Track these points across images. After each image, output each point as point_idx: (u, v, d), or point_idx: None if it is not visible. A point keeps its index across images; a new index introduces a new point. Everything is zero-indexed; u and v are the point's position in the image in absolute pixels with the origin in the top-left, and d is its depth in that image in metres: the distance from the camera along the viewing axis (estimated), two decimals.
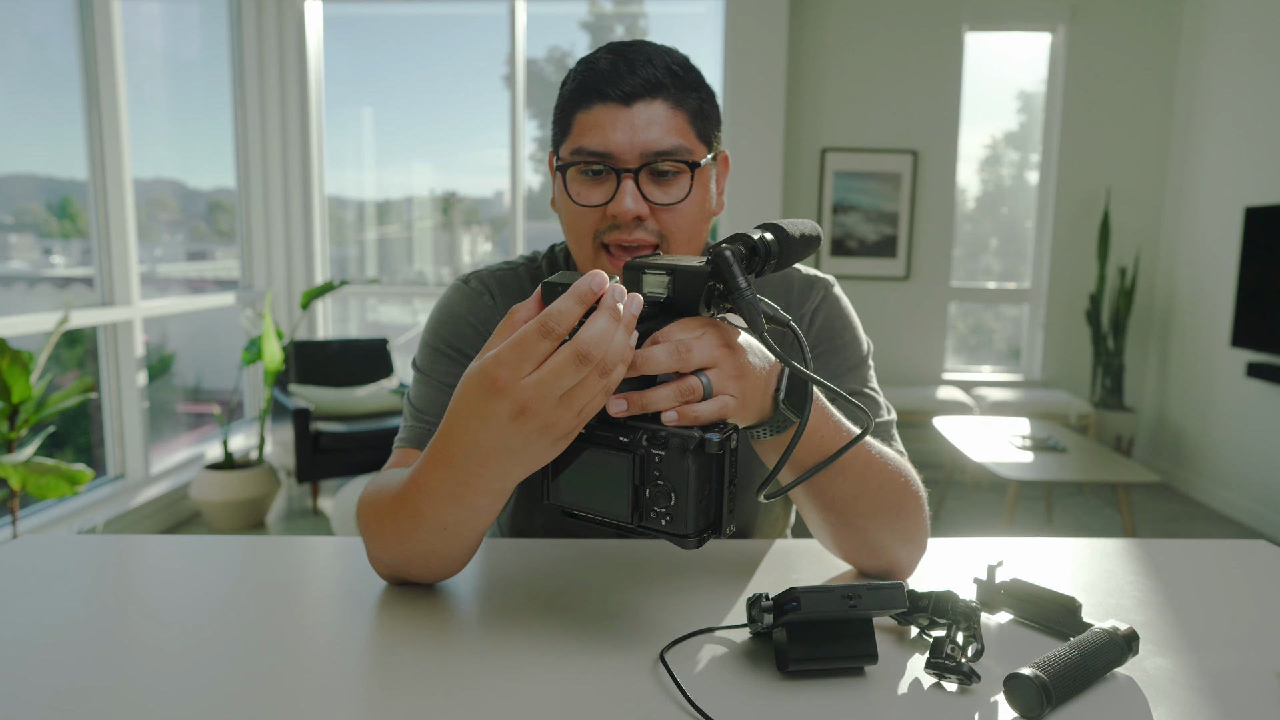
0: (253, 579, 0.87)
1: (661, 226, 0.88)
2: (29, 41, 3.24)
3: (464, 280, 1.02)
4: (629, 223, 0.86)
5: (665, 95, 0.86)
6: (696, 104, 0.89)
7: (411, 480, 0.71)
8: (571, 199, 0.88)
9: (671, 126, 0.86)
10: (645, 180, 0.87)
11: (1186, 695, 0.65)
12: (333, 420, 3.79)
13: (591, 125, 0.86)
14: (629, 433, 0.64)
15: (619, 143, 0.85)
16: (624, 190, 0.85)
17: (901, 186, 4.64)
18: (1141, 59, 4.55)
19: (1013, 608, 0.77)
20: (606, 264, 0.89)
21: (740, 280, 0.65)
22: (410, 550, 0.76)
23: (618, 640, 0.72)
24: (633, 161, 0.85)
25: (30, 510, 3.01)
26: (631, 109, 0.85)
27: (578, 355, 0.58)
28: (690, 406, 0.63)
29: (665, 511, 0.63)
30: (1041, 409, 4.23)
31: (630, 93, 0.85)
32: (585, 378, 0.59)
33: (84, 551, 0.93)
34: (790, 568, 0.90)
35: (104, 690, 0.64)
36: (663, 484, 0.63)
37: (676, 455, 0.62)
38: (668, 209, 0.87)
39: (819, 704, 0.63)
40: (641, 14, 4.91)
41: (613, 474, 0.64)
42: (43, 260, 3.47)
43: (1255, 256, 3.76)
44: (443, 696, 0.63)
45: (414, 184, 5.07)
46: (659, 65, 0.86)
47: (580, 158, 0.86)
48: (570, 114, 0.88)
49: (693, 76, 0.89)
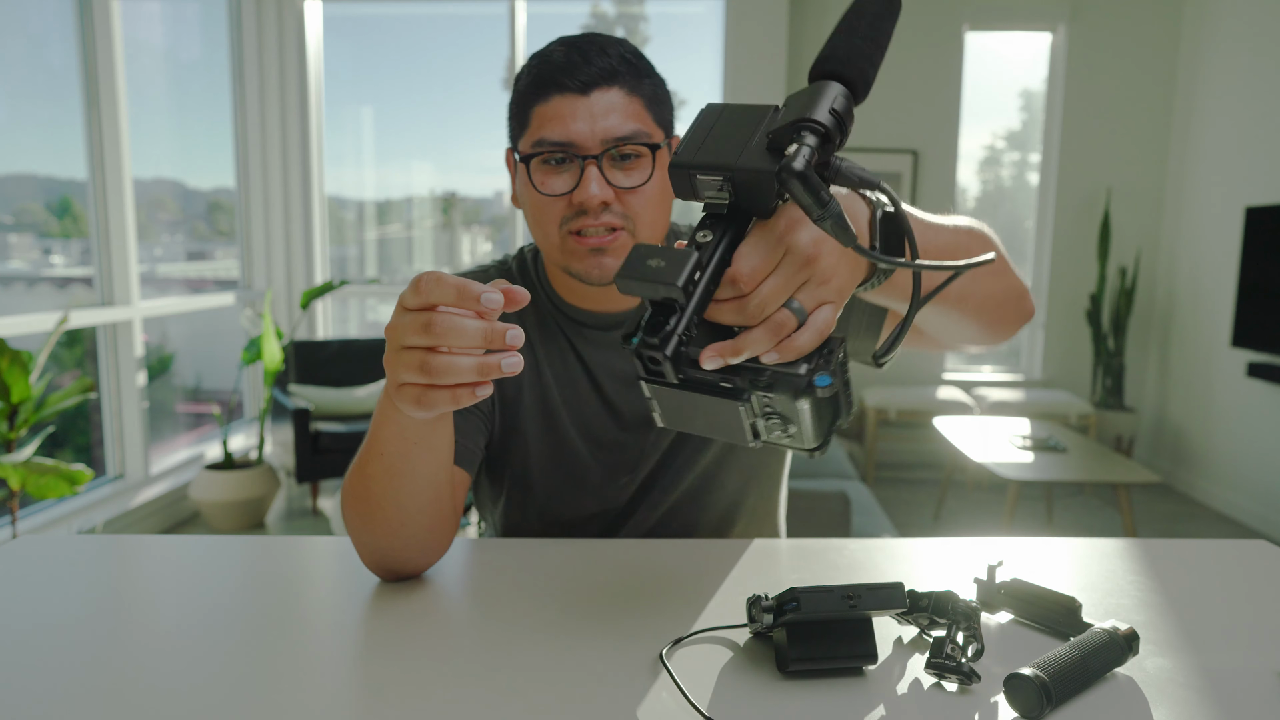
0: (252, 579, 0.87)
1: (627, 209, 0.89)
2: (29, 41, 3.24)
3: None
4: (595, 208, 0.87)
5: (621, 82, 0.88)
6: (651, 90, 0.91)
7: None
8: (537, 189, 0.89)
9: (629, 112, 0.88)
10: (608, 166, 0.88)
11: (1187, 695, 0.65)
12: (332, 420, 3.79)
13: (551, 116, 0.87)
14: (731, 377, 0.58)
15: (580, 131, 0.86)
16: (589, 177, 0.86)
17: (902, 186, 4.64)
18: (1142, 58, 4.55)
19: (1013, 608, 0.76)
20: (574, 245, 0.89)
21: (823, 195, 0.53)
22: (366, 496, 0.78)
23: (618, 640, 0.72)
24: (595, 148, 0.87)
25: (30, 510, 3.01)
26: (589, 97, 0.87)
27: (424, 323, 0.59)
28: (789, 342, 0.57)
29: (785, 434, 0.61)
30: (1042, 409, 4.23)
31: (587, 81, 0.86)
32: (435, 348, 0.60)
33: (83, 552, 0.93)
34: (790, 568, 0.90)
35: (104, 690, 0.64)
36: (778, 416, 0.59)
37: (787, 399, 0.57)
38: (632, 192, 0.89)
39: (819, 704, 0.63)
40: (642, 15, 4.91)
41: (726, 419, 0.61)
42: (42, 260, 3.47)
43: (1256, 256, 3.76)
44: (442, 697, 0.63)
45: (414, 184, 5.07)
46: (612, 54, 0.88)
47: (543, 149, 0.88)
48: (528, 108, 0.90)
49: (645, 64, 0.91)
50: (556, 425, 1.00)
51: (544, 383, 1.00)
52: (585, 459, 1.00)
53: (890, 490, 4.29)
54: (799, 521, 2.20)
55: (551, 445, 1.00)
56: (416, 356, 0.60)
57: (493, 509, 1.07)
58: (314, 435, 3.58)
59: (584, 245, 0.89)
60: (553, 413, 1.00)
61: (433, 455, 0.77)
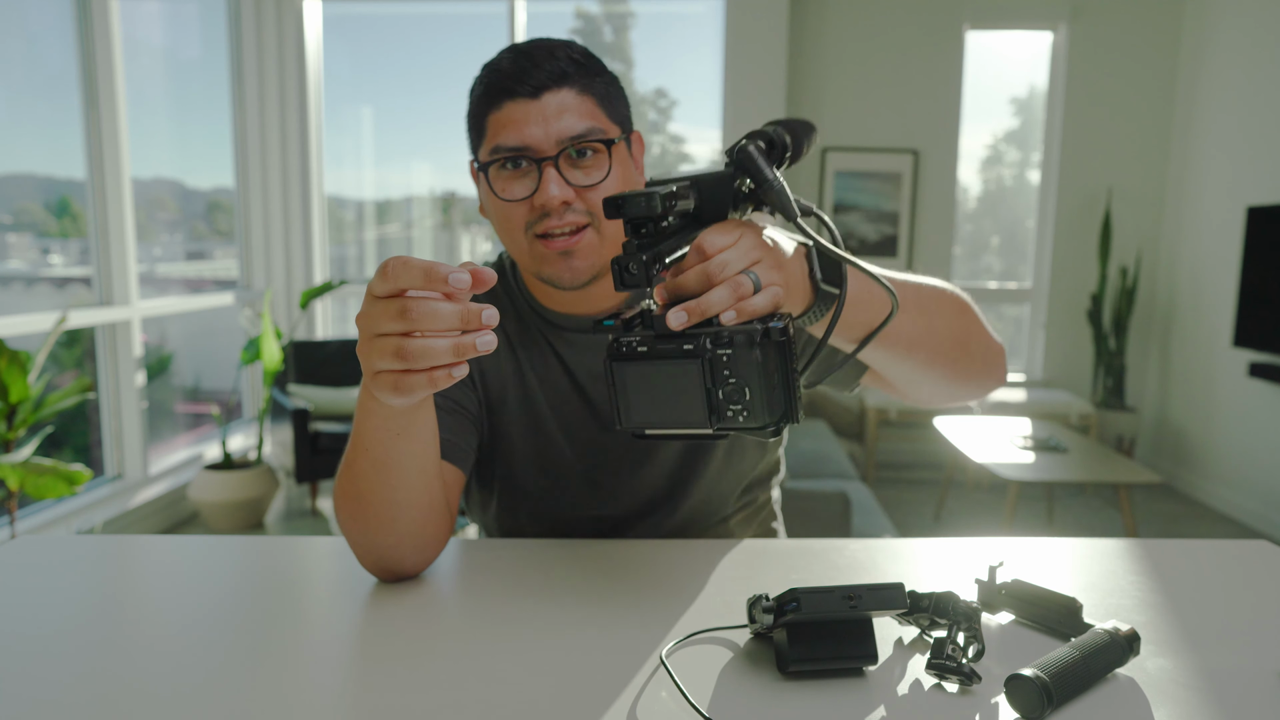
0: (251, 579, 0.86)
1: (589, 206, 0.89)
2: (28, 41, 3.24)
3: None
4: (557, 209, 0.88)
5: (571, 83, 0.89)
6: (603, 88, 0.92)
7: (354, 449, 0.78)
8: (498, 196, 0.90)
9: (582, 111, 0.89)
10: (565, 166, 0.88)
11: (1188, 696, 0.64)
12: (332, 420, 3.79)
13: (505, 123, 0.88)
14: (691, 340, 0.64)
15: (534, 135, 0.87)
16: (547, 179, 0.87)
17: (902, 186, 4.64)
18: (1143, 58, 4.55)
19: (1014, 608, 0.76)
20: (542, 249, 0.90)
21: (768, 173, 0.68)
22: (355, 492, 0.79)
23: (618, 641, 0.72)
24: (550, 150, 0.87)
25: (28, 510, 3.01)
26: (541, 100, 0.87)
27: (397, 309, 0.60)
28: (746, 302, 0.65)
29: (741, 408, 0.64)
30: (1043, 409, 4.23)
31: (538, 85, 0.87)
32: (409, 334, 0.60)
33: (82, 552, 0.93)
34: (790, 568, 0.90)
35: (103, 690, 0.63)
36: (734, 381, 0.64)
37: (744, 350, 0.63)
38: (592, 189, 0.89)
39: (819, 705, 0.62)
40: (641, 15, 4.91)
41: (683, 383, 0.65)
42: (41, 260, 3.47)
43: (1257, 256, 3.76)
44: (441, 697, 0.63)
45: (413, 183, 5.07)
46: (560, 56, 0.89)
47: (499, 155, 0.88)
48: (483, 117, 0.90)
49: (594, 64, 0.92)
50: (542, 428, 1.00)
51: (528, 386, 1.00)
52: (570, 461, 1.00)
53: (891, 490, 4.29)
54: (799, 521, 2.20)
55: (538, 448, 1.00)
56: (391, 343, 0.61)
57: (484, 515, 1.07)
58: (313, 435, 3.58)
59: (552, 249, 0.89)
60: (537, 416, 1.00)
61: (418, 444, 0.77)
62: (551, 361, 1.01)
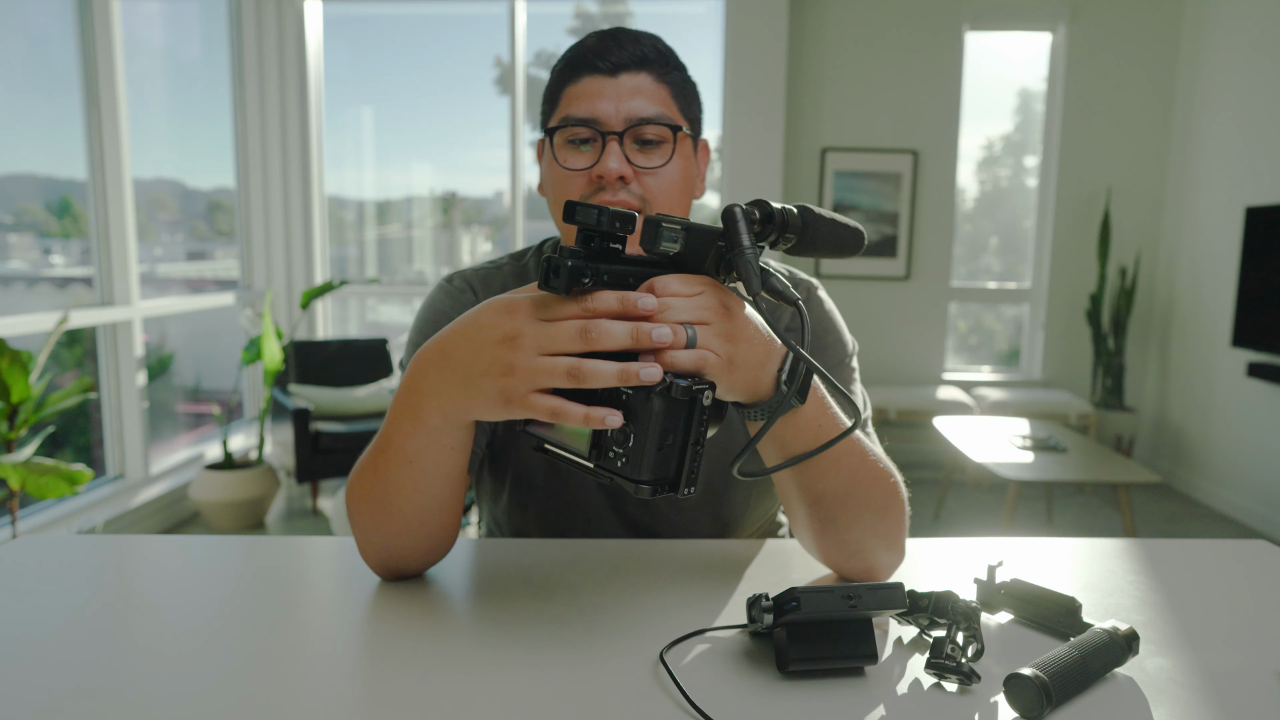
0: (252, 579, 0.87)
1: (645, 190, 0.90)
2: (29, 41, 3.24)
3: (448, 279, 1.05)
4: (614, 183, 0.89)
5: (650, 69, 0.91)
6: (680, 82, 0.93)
7: (387, 418, 0.76)
8: (559, 163, 0.91)
9: (655, 96, 0.91)
10: (629, 145, 0.90)
11: (1187, 695, 0.65)
12: (332, 420, 3.79)
13: (579, 95, 0.90)
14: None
15: (605, 109, 0.89)
16: (609, 151, 0.89)
17: (901, 186, 4.64)
18: (1142, 58, 4.55)
19: (1013, 608, 0.77)
20: None
21: (744, 238, 0.64)
22: (383, 498, 0.77)
23: (618, 640, 0.72)
24: (618, 126, 0.89)
25: (30, 510, 3.01)
26: (618, 79, 0.89)
27: (583, 329, 0.61)
28: (668, 352, 0.62)
29: (623, 453, 0.63)
30: (1042, 409, 4.23)
31: (617, 64, 0.89)
32: (561, 356, 0.61)
33: (83, 551, 0.93)
34: (790, 568, 0.90)
35: (104, 690, 0.64)
36: (625, 423, 0.62)
37: (642, 394, 0.62)
38: (651, 173, 0.90)
39: (819, 704, 0.63)
40: (627, 13, 4.91)
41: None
42: (42, 260, 3.47)
43: (1256, 256, 3.77)
44: (442, 696, 0.63)
45: (414, 184, 5.07)
46: (645, 43, 0.91)
47: (568, 123, 0.90)
48: (559, 89, 0.92)
49: (675, 59, 0.94)
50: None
51: None
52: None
53: None
54: None
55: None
56: (565, 363, 0.61)
57: (494, 505, 1.07)
58: (314, 435, 3.58)
59: None
60: None
61: (463, 457, 0.76)
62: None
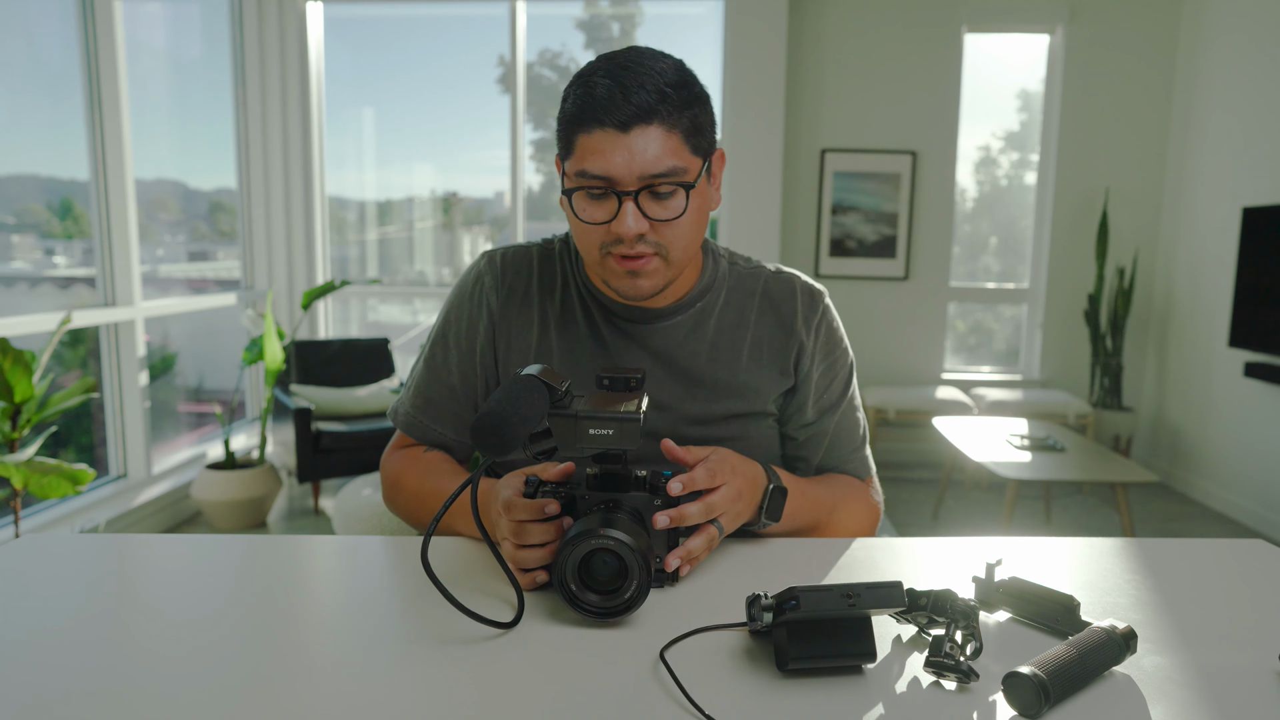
0: (254, 578, 0.87)
1: (661, 238, 0.95)
2: (31, 42, 3.25)
3: (484, 256, 1.13)
4: (630, 239, 0.93)
5: (659, 119, 0.91)
6: (689, 122, 0.94)
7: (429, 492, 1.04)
8: (579, 216, 0.95)
9: (666, 149, 0.92)
10: (645, 199, 0.93)
11: (1184, 694, 0.65)
12: (334, 420, 3.79)
13: (593, 150, 0.92)
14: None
15: (618, 167, 0.91)
16: (625, 212, 0.92)
17: (901, 187, 4.65)
18: (1140, 60, 4.56)
19: (1011, 606, 0.77)
20: (613, 265, 0.97)
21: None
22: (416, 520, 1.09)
23: (618, 639, 0.73)
24: (632, 184, 0.92)
25: (32, 510, 3.01)
26: (629, 135, 0.91)
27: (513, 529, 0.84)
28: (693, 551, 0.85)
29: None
30: (1040, 409, 4.24)
31: (626, 120, 0.90)
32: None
33: (86, 551, 0.94)
34: (789, 567, 0.91)
35: (105, 689, 0.64)
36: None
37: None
38: (666, 224, 0.95)
39: (818, 702, 0.63)
40: (636, 13, 4.91)
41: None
42: (45, 260, 3.47)
43: (1253, 257, 3.77)
44: (443, 695, 0.64)
45: (415, 184, 5.07)
46: (651, 89, 0.91)
47: (585, 181, 0.93)
48: (572, 134, 0.94)
49: (684, 94, 0.93)
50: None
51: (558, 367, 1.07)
52: None
53: (889, 490, 4.30)
54: None
55: None
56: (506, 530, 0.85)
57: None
58: (315, 435, 3.59)
59: (622, 267, 0.96)
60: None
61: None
62: (590, 346, 1.07)
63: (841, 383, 1.13)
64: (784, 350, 1.08)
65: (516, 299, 1.09)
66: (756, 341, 1.08)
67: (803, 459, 1.13)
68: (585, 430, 0.75)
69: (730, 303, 1.09)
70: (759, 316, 1.09)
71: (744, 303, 1.09)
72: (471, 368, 1.10)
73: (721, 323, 1.08)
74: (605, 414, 0.75)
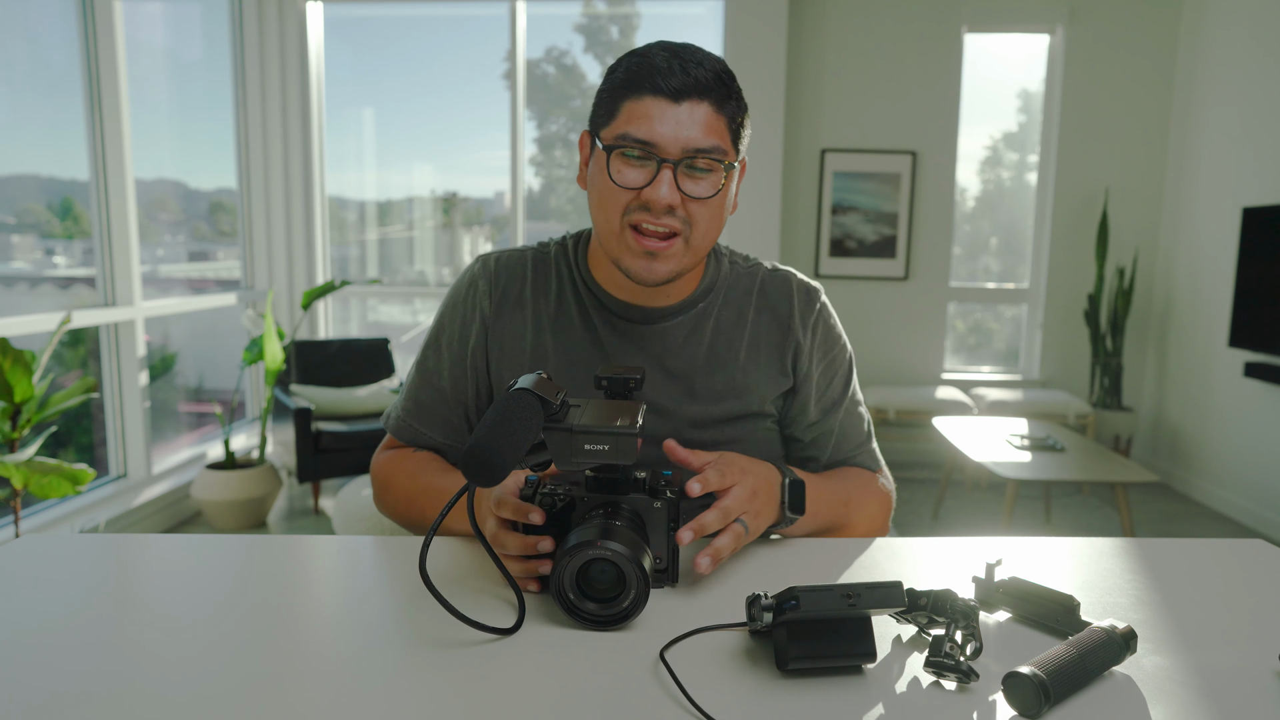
0: (254, 578, 0.87)
1: (689, 215, 0.94)
2: (31, 42, 3.25)
3: (478, 260, 1.12)
4: (661, 209, 0.92)
5: (711, 98, 0.92)
6: (735, 111, 0.95)
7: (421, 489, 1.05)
8: (611, 178, 0.93)
9: (713, 128, 0.92)
10: (681, 173, 0.93)
11: (1184, 694, 0.65)
12: (334, 420, 3.79)
13: (640, 114, 0.91)
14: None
15: (664, 135, 0.91)
16: (662, 178, 0.91)
17: (901, 187, 4.65)
18: (1140, 60, 4.56)
19: (1011, 606, 0.77)
20: (632, 241, 0.95)
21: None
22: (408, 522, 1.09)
23: (618, 640, 0.73)
24: (674, 154, 0.91)
25: (32, 510, 3.01)
26: (680, 105, 0.91)
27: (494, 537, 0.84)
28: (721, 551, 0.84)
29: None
30: (1040, 409, 4.24)
31: (681, 90, 0.91)
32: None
33: (86, 551, 0.94)
34: (789, 567, 0.91)
35: (105, 690, 0.64)
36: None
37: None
38: (698, 202, 0.94)
39: (818, 702, 0.63)
40: (635, 14, 4.91)
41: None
42: (45, 260, 3.48)
43: (1253, 257, 3.77)
44: (443, 694, 0.64)
45: (415, 184, 5.07)
46: (709, 69, 0.92)
47: (625, 142, 0.92)
48: (619, 100, 0.93)
49: (735, 88, 0.96)
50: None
51: (553, 369, 1.06)
52: None
53: None
54: None
55: None
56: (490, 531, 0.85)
57: None
58: (315, 435, 3.59)
59: (641, 245, 0.94)
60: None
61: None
62: (587, 346, 1.06)
63: (842, 379, 1.13)
64: (781, 348, 1.09)
65: (510, 302, 1.08)
66: (754, 340, 1.08)
67: (812, 458, 1.14)
68: (580, 445, 0.74)
69: (729, 302, 1.09)
70: (756, 314, 1.09)
71: (742, 301, 1.09)
72: (463, 372, 1.09)
73: (720, 323, 1.08)
74: (600, 429, 0.73)
